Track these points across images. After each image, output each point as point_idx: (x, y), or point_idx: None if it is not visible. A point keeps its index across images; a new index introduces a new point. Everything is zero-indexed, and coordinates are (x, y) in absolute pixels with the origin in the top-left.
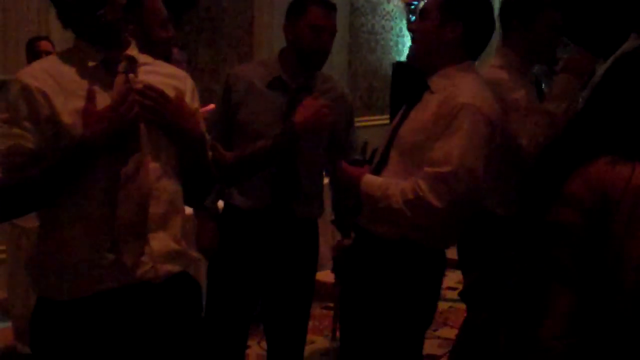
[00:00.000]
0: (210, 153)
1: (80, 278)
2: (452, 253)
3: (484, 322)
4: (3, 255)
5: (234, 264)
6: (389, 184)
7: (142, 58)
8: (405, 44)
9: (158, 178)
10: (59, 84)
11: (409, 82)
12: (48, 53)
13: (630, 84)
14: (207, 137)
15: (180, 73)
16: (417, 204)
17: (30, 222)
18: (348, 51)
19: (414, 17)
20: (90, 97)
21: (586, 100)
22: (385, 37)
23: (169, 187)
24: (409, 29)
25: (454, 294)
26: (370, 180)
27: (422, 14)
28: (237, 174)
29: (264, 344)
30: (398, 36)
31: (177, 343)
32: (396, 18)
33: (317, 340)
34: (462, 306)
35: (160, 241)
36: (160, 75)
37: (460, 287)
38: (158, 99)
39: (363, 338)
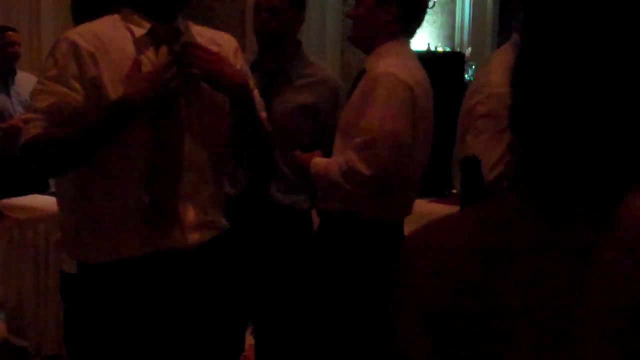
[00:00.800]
0: (264, 114)
1: (114, 245)
2: None
3: None
4: None
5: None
6: (331, 161)
7: (189, 28)
8: None
9: (190, 148)
10: (106, 49)
11: None
12: (19, 44)
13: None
14: (258, 96)
15: (222, 36)
16: (351, 175)
17: (23, 213)
18: (341, 40)
19: None
20: (135, 64)
21: None
22: None
23: (200, 157)
24: (347, 15)
25: None
26: (316, 162)
27: (357, 0)
28: None
29: None
30: None
31: (205, 306)
32: None
33: None
34: None
35: (190, 211)
36: (201, 40)
37: None
38: (196, 52)
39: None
